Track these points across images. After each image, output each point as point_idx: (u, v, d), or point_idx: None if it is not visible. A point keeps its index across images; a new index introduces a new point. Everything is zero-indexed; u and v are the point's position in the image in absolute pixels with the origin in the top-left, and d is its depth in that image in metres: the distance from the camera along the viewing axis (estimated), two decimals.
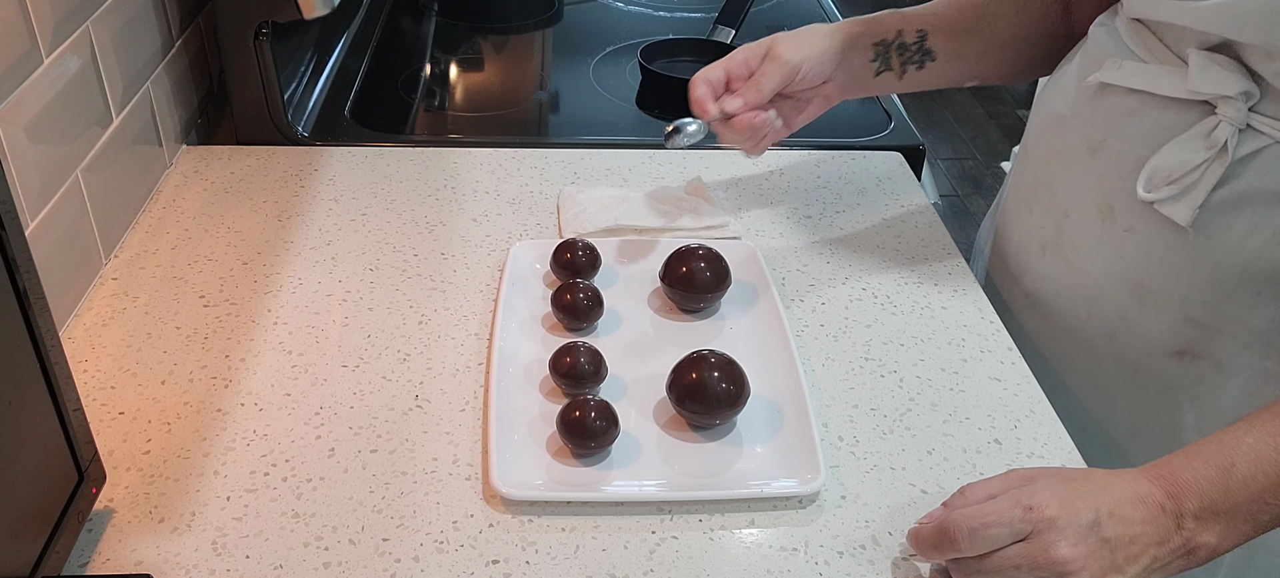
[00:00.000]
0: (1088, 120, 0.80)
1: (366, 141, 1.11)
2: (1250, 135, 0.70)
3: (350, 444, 0.71)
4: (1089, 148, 0.80)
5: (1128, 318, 0.80)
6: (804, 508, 0.68)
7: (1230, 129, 0.70)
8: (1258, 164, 0.70)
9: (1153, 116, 0.75)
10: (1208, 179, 0.71)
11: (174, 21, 1.04)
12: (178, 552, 0.63)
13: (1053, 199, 0.85)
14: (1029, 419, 0.75)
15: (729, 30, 1.32)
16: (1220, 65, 0.70)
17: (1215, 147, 0.70)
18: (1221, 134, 0.70)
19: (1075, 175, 0.82)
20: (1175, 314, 0.76)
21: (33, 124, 0.77)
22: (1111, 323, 0.81)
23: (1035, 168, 0.88)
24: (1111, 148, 0.78)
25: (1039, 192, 0.87)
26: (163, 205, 0.98)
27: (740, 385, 0.71)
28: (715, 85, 0.89)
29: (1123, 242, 0.78)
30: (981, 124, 3.47)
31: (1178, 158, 0.72)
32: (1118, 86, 0.77)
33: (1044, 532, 0.61)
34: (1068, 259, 0.84)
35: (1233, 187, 0.71)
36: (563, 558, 0.63)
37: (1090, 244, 0.81)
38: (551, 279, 0.87)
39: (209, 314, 0.83)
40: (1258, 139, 0.70)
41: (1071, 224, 0.83)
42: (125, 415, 0.73)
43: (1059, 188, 0.84)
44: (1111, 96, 0.78)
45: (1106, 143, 0.78)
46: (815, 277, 0.91)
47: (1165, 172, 0.73)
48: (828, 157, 1.10)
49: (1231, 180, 0.71)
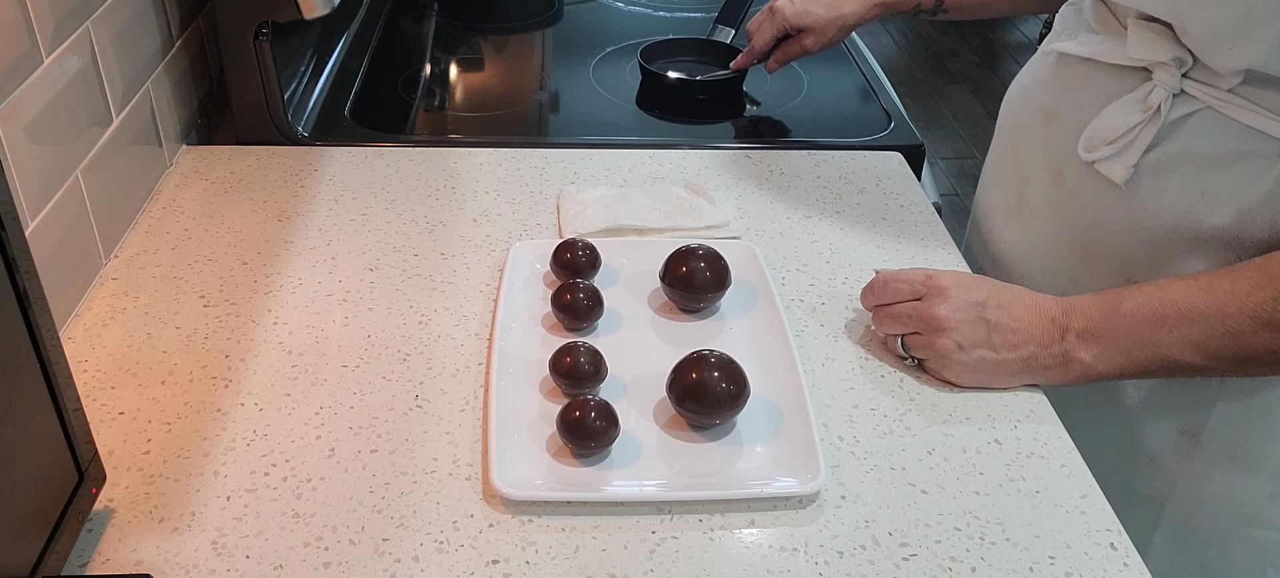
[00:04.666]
0: (1045, 88, 0.87)
1: (366, 142, 1.11)
2: (1184, 100, 0.75)
3: (350, 444, 0.71)
4: (1045, 115, 0.86)
5: (1075, 278, 0.85)
6: (804, 508, 0.68)
7: (1164, 93, 0.75)
8: (1189, 127, 0.75)
9: (1098, 83, 0.80)
10: (1142, 140, 0.76)
11: (174, 21, 1.04)
12: (178, 552, 0.63)
13: (1016, 166, 0.91)
14: (1029, 419, 0.75)
15: (729, 30, 1.32)
16: (1155, 33, 0.75)
17: (1150, 110, 0.75)
18: (1156, 98, 0.75)
19: (1033, 143, 0.88)
20: (1116, 274, 0.82)
21: (33, 124, 0.77)
22: (1062, 283, 0.86)
23: (1004, 139, 0.95)
24: (1063, 114, 0.84)
25: (1006, 161, 0.93)
26: (163, 205, 0.98)
27: (740, 385, 0.71)
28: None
29: (1070, 204, 0.84)
30: (981, 124, 3.47)
31: (1116, 120, 0.78)
32: (1071, 56, 0.83)
33: (934, 295, 0.76)
34: (1026, 223, 0.90)
35: (1165, 148, 0.76)
36: (563, 558, 0.63)
37: (1044, 207, 0.87)
38: (551, 279, 0.87)
39: (209, 314, 0.83)
40: (1190, 103, 0.74)
41: (1030, 190, 0.89)
42: (125, 415, 0.73)
43: (1022, 155, 0.90)
44: (1066, 66, 0.84)
45: (1058, 110, 0.85)
46: (815, 277, 0.91)
47: (1104, 133, 0.78)
48: (828, 157, 1.10)
49: (1164, 142, 0.76)
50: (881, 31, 4.17)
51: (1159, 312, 0.71)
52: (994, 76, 3.86)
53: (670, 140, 1.14)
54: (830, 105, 1.28)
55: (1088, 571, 0.64)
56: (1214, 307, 0.70)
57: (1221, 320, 0.69)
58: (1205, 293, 0.70)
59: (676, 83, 1.27)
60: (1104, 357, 0.73)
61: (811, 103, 1.27)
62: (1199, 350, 0.71)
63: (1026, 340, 0.74)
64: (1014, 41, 4.16)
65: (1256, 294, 0.68)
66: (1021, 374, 0.76)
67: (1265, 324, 0.68)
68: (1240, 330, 0.69)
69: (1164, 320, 0.71)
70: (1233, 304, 0.69)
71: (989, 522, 0.67)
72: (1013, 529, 0.66)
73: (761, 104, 1.27)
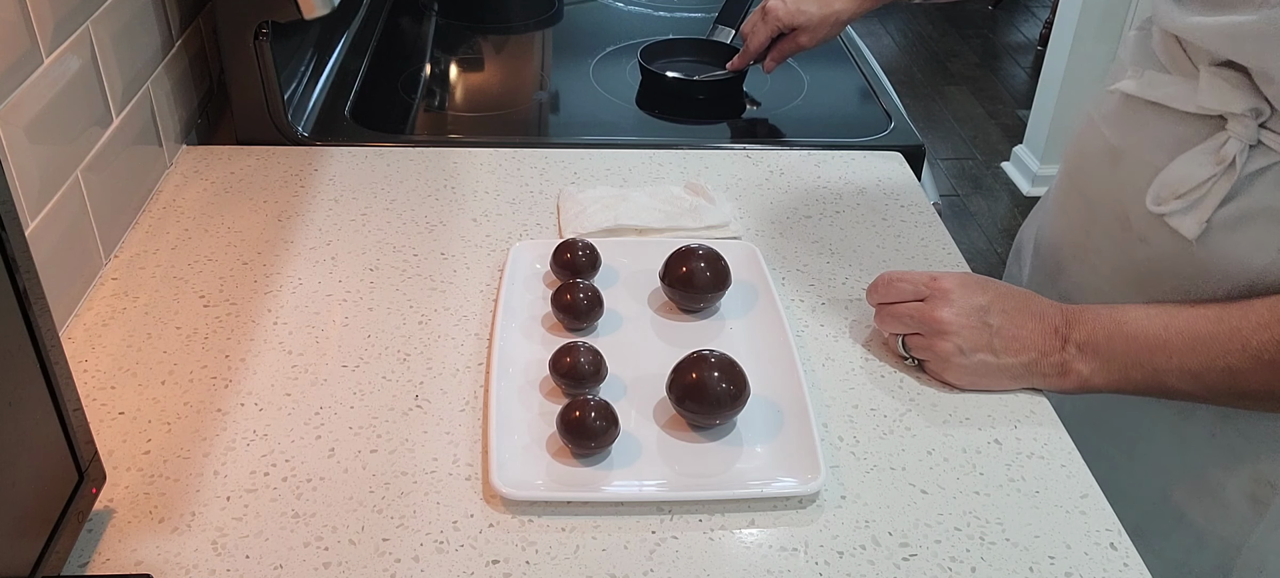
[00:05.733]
0: (1112, 127, 0.81)
1: (366, 142, 1.11)
2: (1261, 152, 0.70)
3: (350, 444, 0.71)
4: (1111, 156, 0.81)
5: None
6: (804, 508, 0.68)
7: (1239, 145, 0.70)
8: (1265, 181, 0.70)
9: (1168, 128, 0.75)
10: (1215, 194, 0.72)
11: (174, 21, 1.04)
12: (178, 552, 0.63)
13: (1083, 204, 0.86)
14: (1029, 419, 0.75)
15: (729, 30, 1.32)
16: (1229, 82, 0.70)
17: (1224, 162, 0.71)
18: (1230, 150, 0.70)
19: (1099, 182, 0.83)
20: None
21: (33, 124, 0.77)
22: None
23: (1071, 171, 0.89)
24: (1130, 156, 0.79)
25: (1072, 195, 0.88)
26: (163, 205, 0.98)
27: (740, 385, 0.71)
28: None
29: (1136, 250, 0.79)
30: (981, 124, 3.47)
31: (1187, 171, 0.73)
32: (1138, 97, 0.78)
33: (937, 297, 0.76)
34: (1093, 265, 0.85)
35: (1240, 202, 0.71)
36: (563, 558, 0.63)
37: (1110, 251, 0.82)
38: (551, 279, 0.87)
39: (209, 314, 0.83)
40: (1267, 156, 0.70)
41: (1097, 230, 0.84)
42: (125, 415, 0.73)
43: (1088, 194, 0.85)
44: (1133, 105, 0.79)
45: (1126, 151, 0.79)
46: (815, 277, 0.91)
47: (1173, 185, 0.74)
48: (828, 157, 1.11)
49: (1239, 196, 0.71)
50: (881, 31, 4.17)
51: (1162, 337, 0.71)
52: (994, 77, 3.86)
53: (670, 140, 1.14)
54: (830, 105, 1.28)
55: (1088, 571, 0.64)
56: (1218, 340, 0.69)
57: (1223, 355, 0.69)
58: (1212, 324, 0.69)
59: (676, 83, 1.27)
60: (1101, 372, 0.73)
61: (811, 103, 1.27)
62: (1196, 382, 0.70)
63: (1028, 347, 0.74)
64: (1014, 42, 4.16)
65: (1262, 333, 0.67)
66: (1021, 379, 0.76)
67: (1266, 364, 0.67)
68: (1240, 367, 0.68)
69: (1165, 346, 0.70)
70: (1237, 339, 0.68)
71: (989, 522, 0.67)
72: (1013, 529, 0.66)
73: (761, 104, 1.27)
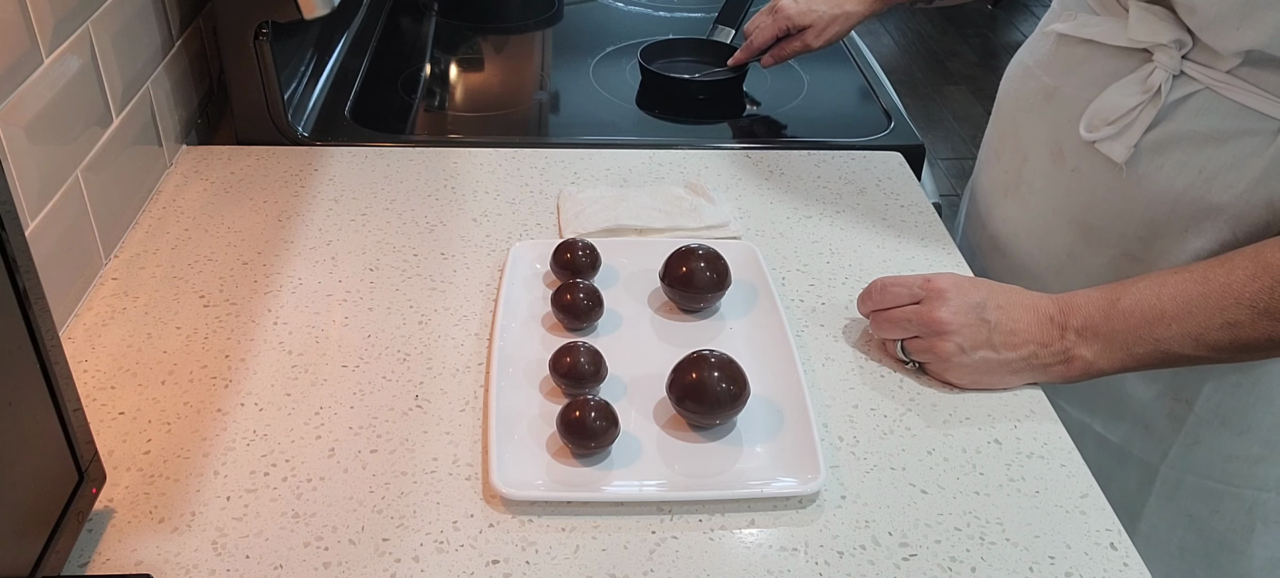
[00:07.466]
0: (1046, 68, 0.88)
1: (366, 142, 1.10)
2: (1183, 81, 0.76)
3: (350, 444, 0.71)
4: (1045, 95, 0.87)
5: (1074, 254, 0.87)
6: (804, 508, 0.68)
7: (1164, 74, 0.76)
8: (1188, 108, 0.76)
9: (1099, 64, 0.82)
10: (1142, 120, 0.78)
11: (174, 21, 1.04)
12: (178, 552, 0.63)
13: (1016, 145, 0.92)
14: (1029, 419, 0.75)
15: (729, 30, 1.32)
16: (1155, 15, 0.76)
17: (1150, 90, 0.77)
18: (1156, 79, 0.76)
19: (1033, 121, 0.89)
20: (1114, 249, 0.84)
21: (33, 124, 0.77)
22: (1059, 259, 0.88)
23: (1003, 117, 0.96)
24: (1064, 93, 0.85)
25: (1005, 139, 0.94)
26: (163, 205, 0.98)
27: (740, 385, 0.71)
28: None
29: (1070, 181, 0.85)
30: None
31: (1117, 100, 0.79)
32: (1071, 37, 0.84)
33: (933, 298, 0.76)
34: (1025, 200, 0.91)
35: (1164, 128, 0.77)
36: (563, 558, 0.63)
37: (1043, 185, 0.88)
38: (551, 279, 0.87)
39: (209, 314, 0.83)
40: (1189, 84, 0.76)
41: (1029, 167, 0.90)
42: (125, 415, 0.73)
43: (1021, 134, 0.91)
44: (1066, 47, 0.85)
45: (1059, 89, 0.86)
46: (815, 277, 0.91)
47: (1105, 113, 0.80)
48: (828, 157, 1.10)
49: (1164, 122, 0.78)
50: (881, 31, 4.17)
51: (1157, 307, 0.72)
52: (994, 77, 3.84)
53: (670, 140, 1.14)
54: (830, 105, 1.28)
55: (1088, 571, 0.64)
56: (1211, 299, 0.70)
57: (1219, 312, 0.70)
58: (1202, 285, 0.71)
59: (676, 83, 1.27)
60: (1105, 354, 0.74)
61: (811, 103, 1.27)
62: (1199, 343, 0.71)
63: (1027, 340, 0.75)
64: (1014, 41, 4.16)
65: (1253, 283, 0.69)
66: (1023, 373, 0.76)
67: (1263, 312, 0.69)
68: (1239, 321, 0.70)
69: (1162, 316, 0.72)
70: (1230, 294, 0.70)
71: (989, 522, 0.67)
72: (1013, 529, 0.66)
73: (761, 104, 1.27)
